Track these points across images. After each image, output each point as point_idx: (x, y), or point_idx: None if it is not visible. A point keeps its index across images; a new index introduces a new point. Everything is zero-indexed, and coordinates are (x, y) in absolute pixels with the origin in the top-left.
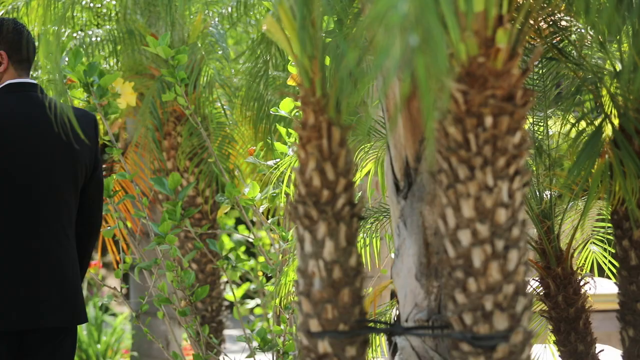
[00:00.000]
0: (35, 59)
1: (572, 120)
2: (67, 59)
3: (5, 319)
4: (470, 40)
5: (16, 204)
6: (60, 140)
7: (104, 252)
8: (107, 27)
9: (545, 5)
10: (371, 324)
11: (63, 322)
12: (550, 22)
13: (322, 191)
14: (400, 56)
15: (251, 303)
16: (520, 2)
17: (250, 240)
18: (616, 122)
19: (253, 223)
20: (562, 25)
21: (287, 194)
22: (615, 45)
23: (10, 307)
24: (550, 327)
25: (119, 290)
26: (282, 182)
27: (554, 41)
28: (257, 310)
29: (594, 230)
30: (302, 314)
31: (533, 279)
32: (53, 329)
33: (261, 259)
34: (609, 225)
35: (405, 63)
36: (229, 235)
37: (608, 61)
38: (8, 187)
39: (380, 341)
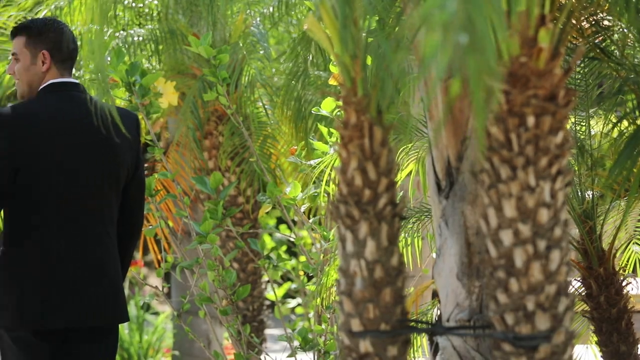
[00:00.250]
0: (78, 58)
1: (614, 120)
2: (109, 58)
3: (47, 318)
4: (512, 40)
5: (57, 204)
6: (104, 139)
7: (146, 251)
8: (149, 26)
9: (587, 4)
10: (413, 324)
11: (105, 321)
12: (593, 22)
13: (363, 191)
14: (449, 56)
15: (292, 302)
16: (563, 2)
17: (292, 239)
18: None
19: (294, 222)
20: (605, 25)
21: (328, 194)
22: None
23: (53, 306)
24: (592, 327)
25: (161, 289)
26: (323, 181)
27: (596, 41)
28: (298, 310)
29: (636, 230)
30: (344, 314)
31: (575, 280)
32: (95, 328)
33: (302, 258)
34: None
35: (454, 63)
36: (271, 234)
37: None
38: (50, 187)
39: (421, 341)
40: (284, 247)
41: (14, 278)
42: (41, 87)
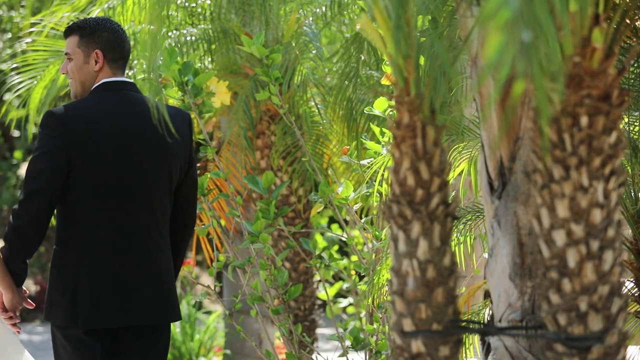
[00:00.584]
0: (131, 57)
1: None
2: (162, 58)
3: (100, 316)
4: (566, 40)
5: (110, 203)
6: (155, 138)
7: (198, 250)
8: (202, 26)
9: None
10: (464, 324)
11: (157, 319)
12: None
13: (416, 190)
14: (513, 55)
15: (344, 302)
16: (617, 1)
17: (344, 239)
18: None
19: (346, 222)
20: None
21: (380, 193)
22: None
23: (105, 305)
24: None
25: (213, 288)
26: (376, 181)
27: None
28: (350, 309)
29: None
30: (396, 313)
31: (628, 280)
32: (147, 327)
33: (354, 257)
34: None
35: (517, 62)
36: (322, 234)
37: None
38: (102, 186)
39: (473, 341)
40: (336, 247)
41: (67, 277)
42: (94, 86)
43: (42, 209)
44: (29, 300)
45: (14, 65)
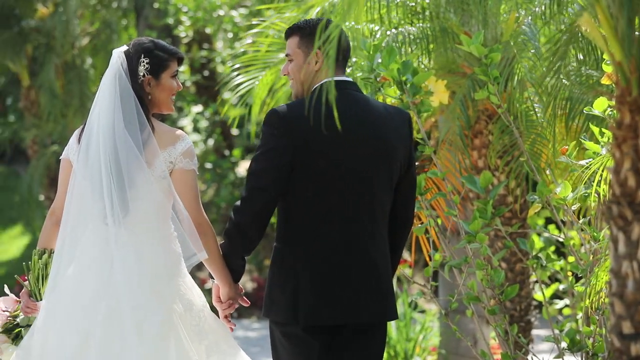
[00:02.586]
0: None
1: None
2: (380, 57)
3: (320, 314)
4: None
5: (331, 201)
6: (378, 137)
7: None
8: (421, 25)
9: None
10: None
11: (375, 318)
12: None
13: (637, 192)
14: None
15: (560, 303)
16: None
17: (561, 240)
18: None
19: (563, 223)
20: None
21: (599, 194)
22: None
23: (326, 302)
24: None
25: (429, 287)
26: (594, 182)
27: None
28: (566, 311)
29: None
30: (614, 316)
31: None
32: (365, 325)
33: (571, 259)
34: None
35: None
36: (539, 234)
37: None
38: (324, 184)
39: None
40: (553, 248)
41: (288, 274)
42: (315, 86)
43: (265, 207)
44: (244, 297)
45: (237, 65)
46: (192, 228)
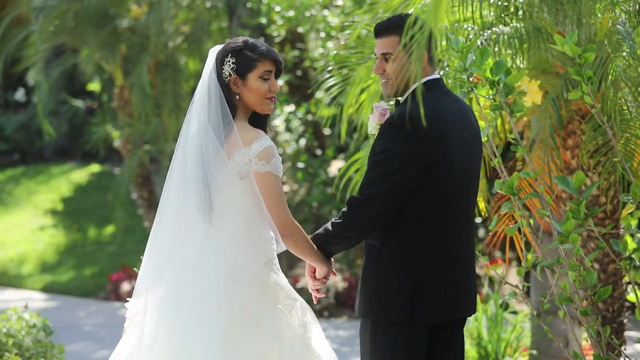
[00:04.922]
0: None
1: None
2: (473, 56)
3: (442, 311)
4: None
5: (451, 202)
6: (477, 134)
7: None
8: (514, 24)
9: None
10: None
11: (471, 312)
12: None
13: None
14: None
15: None
16: None
17: None
18: None
19: None
20: None
21: None
22: None
23: (446, 299)
24: None
25: (520, 288)
26: None
27: None
28: None
29: None
30: None
31: None
32: (460, 320)
33: None
34: None
35: None
36: (632, 235)
37: None
38: (448, 185)
39: None
40: None
41: (403, 273)
42: (416, 84)
43: (381, 213)
44: (333, 270)
45: (329, 68)
46: (273, 229)
